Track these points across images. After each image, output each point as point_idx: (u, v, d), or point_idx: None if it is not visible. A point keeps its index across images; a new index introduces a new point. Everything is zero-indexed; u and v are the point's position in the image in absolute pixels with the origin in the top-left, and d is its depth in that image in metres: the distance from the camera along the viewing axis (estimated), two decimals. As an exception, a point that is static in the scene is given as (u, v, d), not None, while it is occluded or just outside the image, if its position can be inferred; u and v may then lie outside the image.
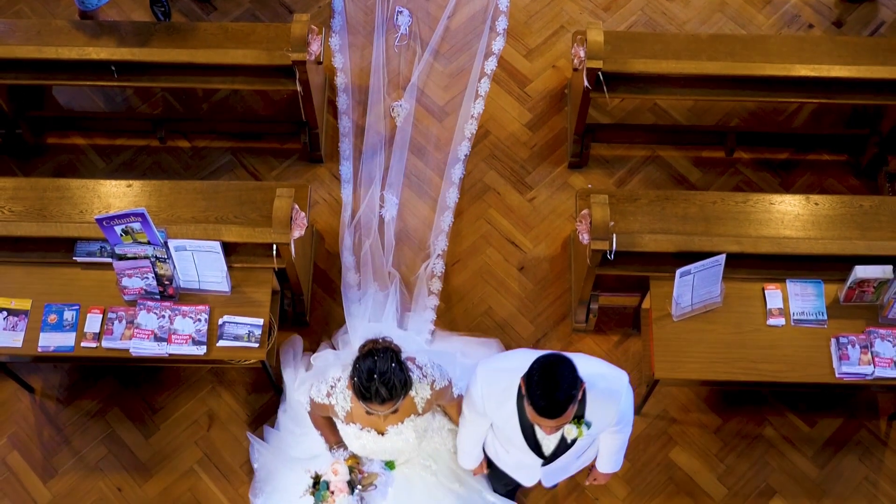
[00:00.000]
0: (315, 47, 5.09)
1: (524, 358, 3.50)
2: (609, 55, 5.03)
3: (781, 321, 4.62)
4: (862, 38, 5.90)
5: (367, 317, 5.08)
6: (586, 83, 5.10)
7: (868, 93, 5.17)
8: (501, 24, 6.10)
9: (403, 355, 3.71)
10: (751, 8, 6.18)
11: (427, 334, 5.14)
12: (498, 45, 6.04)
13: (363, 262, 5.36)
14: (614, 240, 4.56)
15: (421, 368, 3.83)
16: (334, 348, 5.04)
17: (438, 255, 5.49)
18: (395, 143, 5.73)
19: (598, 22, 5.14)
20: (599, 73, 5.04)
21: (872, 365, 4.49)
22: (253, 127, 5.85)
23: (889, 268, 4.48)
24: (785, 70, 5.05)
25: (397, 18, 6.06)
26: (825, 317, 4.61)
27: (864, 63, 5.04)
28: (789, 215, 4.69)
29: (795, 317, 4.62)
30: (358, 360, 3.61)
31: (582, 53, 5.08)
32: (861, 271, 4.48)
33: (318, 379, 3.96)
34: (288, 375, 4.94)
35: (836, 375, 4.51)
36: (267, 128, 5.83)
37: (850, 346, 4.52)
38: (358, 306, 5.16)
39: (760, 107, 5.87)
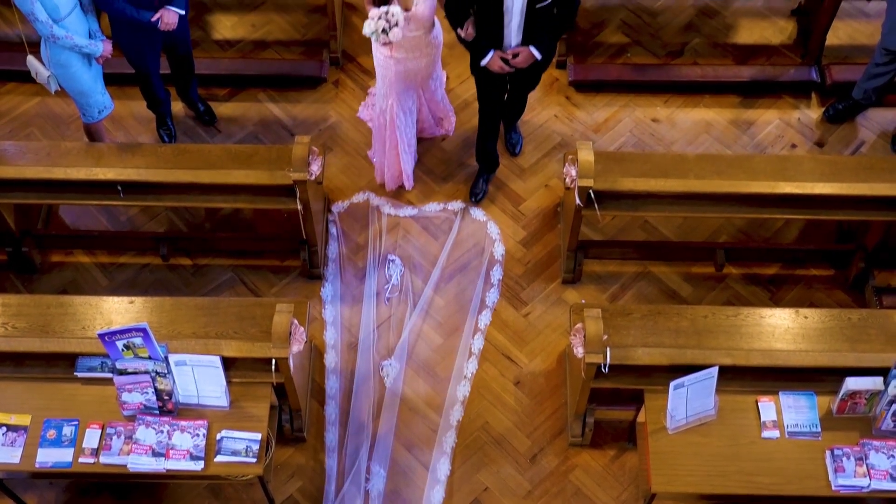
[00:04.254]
0: (315, 167, 5.25)
1: None
2: (600, 174, 5.19)
3: (776, 433, 4.65)
4: (843, 156, 6.10)
5: None
6: (578, 201, 5.25)
7: (851, 209, 5.33)
8: (496, 274, 5.84)
9: None
10: (735, 129, 6.40)
11: None
12: (492, 297, 5.76)
13: None
14: (608, 353, 4.63)
15: None
16: None
17: None
18: (384, 406, 5.39)
19: (588, 143, 5.31)
20: (591, 191, 5.20)
21: (868, 477, 4.50)
22: (254, 245, 5.98)
23: (880, 379, 4.54)
24: (770, 187, 5.21)
25: (389, 268, 5.84)
26: (819, 429, 4.65)
27: (846, 180, 5.21)
28: (780, 328, 4.77)
29: (790, 429, 4.66)
30: None
31: (574, 173, 5.24)
32: (852, 383, 4.54)
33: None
34: None
35: (833, 488, 4.52)
36: (267, 245, 5.96)
37: (845, 459, 4.54)
38: None
39: (748, 223, 6.03)
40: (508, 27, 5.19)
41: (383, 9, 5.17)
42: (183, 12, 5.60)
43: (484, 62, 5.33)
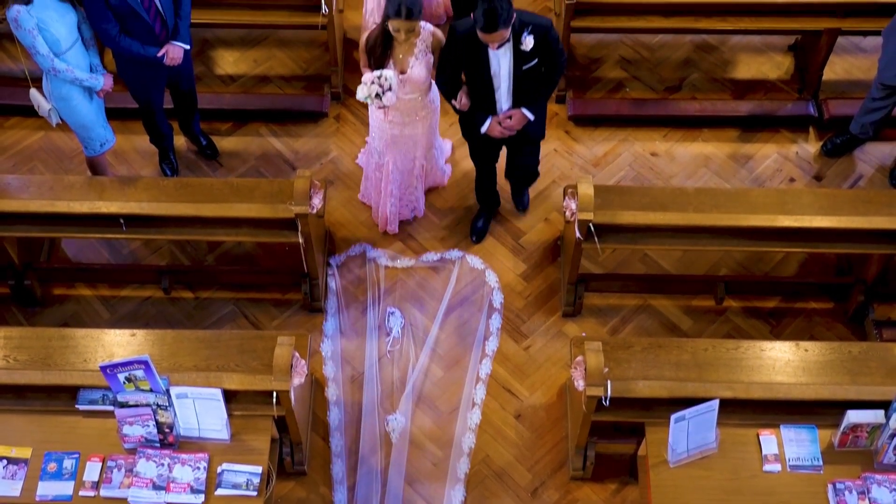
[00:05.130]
0: (317, 201, 5.28)
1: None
2: (599, 208, 5.22)
3: (777, 467, 4.64)
4: (842, 190, 6.14)
5: None
6: (578, 234, 5.28)
7: (850, 242, 5.36)
8: (495, 322, 5.79)
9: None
10: (734, 163, 6.45)
11: None
12: (492, 346, 5.71)
13: None
14: (609, 386, 4.63)
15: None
16: None
17: None
18: (392, 463, 5.31)
19: (588, 176, 5.35)
20: (590, 224, 5.22)
21: (871, 511, 4.50)
22: (255, 278, 5.99)
23: (881, 412, 4.54)
24: (769, 221, 5.24)
25: (389, 320, 5.77)
26: (821, 462, 4.64)
27: (844, 214, 5.24)
28: (780, 361, 4.78)
29: (791, 462, 4.65)
30: None
31: (573, 206, 5.27)
32: (853, 416, 4.54)
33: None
34: None
35: (835, 522, 4.52)
36: (269, 279, 5.98)
37: (847, 493, 4.53)
38: None
39: (747, 256, 6.05)
40: (498, 91, 5.25)
41: (376, 73, 5.17)
42: (188, 47, 5.66)
43: (484, 129, 5.38)
